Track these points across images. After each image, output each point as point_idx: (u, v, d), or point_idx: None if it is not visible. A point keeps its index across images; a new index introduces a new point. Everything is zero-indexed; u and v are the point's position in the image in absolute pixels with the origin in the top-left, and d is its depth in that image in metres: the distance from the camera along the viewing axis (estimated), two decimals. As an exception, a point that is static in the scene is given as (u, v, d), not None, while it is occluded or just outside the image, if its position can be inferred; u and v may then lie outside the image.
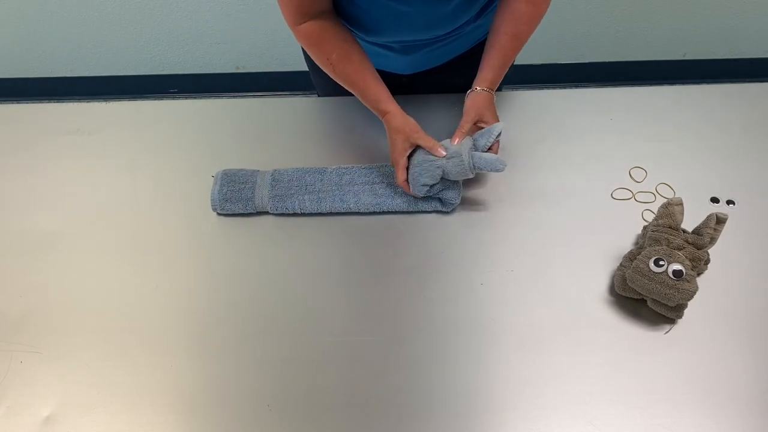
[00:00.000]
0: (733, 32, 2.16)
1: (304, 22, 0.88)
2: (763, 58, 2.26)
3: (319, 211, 0.93)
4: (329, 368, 0.77)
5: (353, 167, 0.97)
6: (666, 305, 0.77)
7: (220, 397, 0.75)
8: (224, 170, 0.96)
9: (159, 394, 0.76)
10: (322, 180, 0.95)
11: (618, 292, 0.81)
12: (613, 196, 0.95)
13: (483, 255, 0.88)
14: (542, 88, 1.12)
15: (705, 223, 0.79)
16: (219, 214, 0.94)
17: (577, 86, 1.17)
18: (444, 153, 0.88)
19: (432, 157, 0.88)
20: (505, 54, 0.92)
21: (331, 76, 0.93)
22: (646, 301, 0.80)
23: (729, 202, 0.93)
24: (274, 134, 1.07)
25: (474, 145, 0.89)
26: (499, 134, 0.89)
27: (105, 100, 1.15)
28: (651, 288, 0.76)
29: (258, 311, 0.83)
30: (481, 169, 0.87)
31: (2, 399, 0.76)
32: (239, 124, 1.09)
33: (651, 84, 1.14)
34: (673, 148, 1.01)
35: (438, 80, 1.08)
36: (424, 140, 0.89)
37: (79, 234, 0.93)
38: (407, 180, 0.91)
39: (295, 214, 0.94)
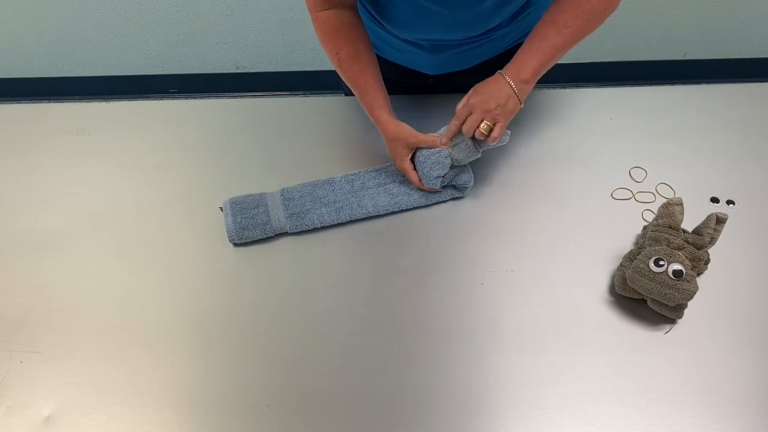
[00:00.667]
0: (733, 32, 2.16)
1: (325, 10, 0.88)
2: (763, 58, 2.26)
3: (338, 222, 0.91)
4: (329, 368, 0.77)
5: (359, 172, 0.97)
6: (666, 305, 0.77)
7: (220, 397, 0.75)
8: (231, 199, 0.92)
9: (159, 394, 0.76)
10: (333, 190, 0.94)
11: (618, 292, 0.81)
12: (613, 196, 0.95)
13: (483, 255, 0.88)
14: (542, 88, 1.12)
15: (705, 223, 0.79)
16: (236, 244, 0.90)
17: (577, 86, 1.16)
18: (448, 143, 0.89)
19: (437, 149, 0.90)
20: (538, 39, 0.85)
21: (337, 70, 0.94)
22: (646, 301, 0.80)
23: (729, 202, 0.93)
24: (274, 134, 1.07)
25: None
26: None
27: (105, 100, 1.15)
28: (651, 288, 0.76)
29: (258, 311, 0.83)
30: (488, 146, 0.89)
31: (2, 399, 0.76)
32: (239, 124, 1.09)
33: (651, 84, 1.14)
34: (673, 148, 1.01)
35: (464, 83, 1.07)
36: (424, 140, 0.90)
37: (79, 234, 0.93)
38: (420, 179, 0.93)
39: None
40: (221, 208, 0.91)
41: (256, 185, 0.98)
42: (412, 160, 0.94)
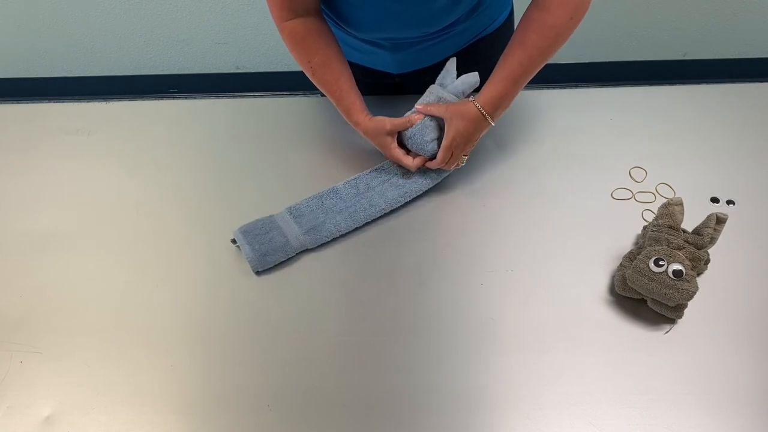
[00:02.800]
0: (733, 32, 2.16)
1: (291, 19, 0.88)
2: (763, 58, 2.26)
3: (356, 227, 0.91)
4: (329, 368, 0.77)
5: (360, 175, 0.96)
6: (666, 305, 0.77)
7: (220, 397, 0.75)
8: (240, 229, 0.89)
9: (159, 394, 0.76)
10: (341, 198, 0.93)
11: (618, 292, 0.81)
12: (613, 196, 0.95)
13: (483, 255, 0.88)
14: (542, 88, 1.12)
15: (705, 223, 0.79)
16: (259, 273, 0.87)
17: (577, 86, 1.16)
18: (422, 115, 0.91)
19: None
20: (509, 65, 0.87)
21: (309, 78, 0.94)
22: (646, 301, 0.80)
23: (729, 202, 0.93)
24: (274, 134, 1.07)
25: (441, 85, 0.94)
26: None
27: (105, 100, 1.15)
28: (651, 288, 0.76)
29: (258, 311, 0.83)
30: (465, 93, 0.92)
31: (2, 399, 0.76)
32: (239, 124, 1.09)
33: (651, 84, 1.14)
34: (673, 148, 1.01)
35: (431, 81, 1.08)
36: (399, 123, 0.92)
37: (79, 234, 0.93)
38: (414, 154, 0.94)
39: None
40: (233, 240, 0.89)
41: (256, 185, 0.98)
42: (401, 146, 0.95)
